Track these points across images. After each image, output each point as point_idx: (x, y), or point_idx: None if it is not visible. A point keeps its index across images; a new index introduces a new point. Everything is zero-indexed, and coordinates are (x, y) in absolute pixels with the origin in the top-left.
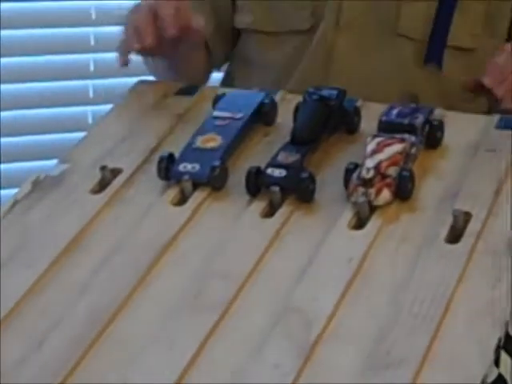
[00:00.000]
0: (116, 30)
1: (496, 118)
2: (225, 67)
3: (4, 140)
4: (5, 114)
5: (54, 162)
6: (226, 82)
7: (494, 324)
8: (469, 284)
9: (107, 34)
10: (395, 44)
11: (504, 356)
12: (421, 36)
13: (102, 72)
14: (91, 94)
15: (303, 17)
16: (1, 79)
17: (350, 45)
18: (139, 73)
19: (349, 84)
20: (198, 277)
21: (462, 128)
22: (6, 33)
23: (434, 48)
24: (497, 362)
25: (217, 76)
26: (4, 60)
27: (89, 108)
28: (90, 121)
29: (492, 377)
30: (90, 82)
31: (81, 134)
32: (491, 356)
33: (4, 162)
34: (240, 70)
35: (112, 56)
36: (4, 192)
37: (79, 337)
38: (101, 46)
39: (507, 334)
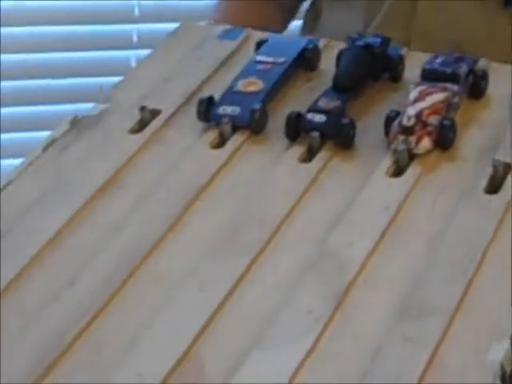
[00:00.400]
0: None
1: None
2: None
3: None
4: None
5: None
6: (312, 16)
7: None
8: (505, 235)
9: None
10: None
11: None
12: None
13: (146, 17)
14: (135, 39)
15: None
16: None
17: None
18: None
19: (434, 22)
20: (233, 220)
21: (507, 79)
22: None
23: None
24: None
25: None
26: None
27: (132, 52)
28: (133, 65)
29: None
30: (134, 27)
31: None
32: None
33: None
34: (325, 8)
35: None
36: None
37: (111, 276)
38: None
39: None
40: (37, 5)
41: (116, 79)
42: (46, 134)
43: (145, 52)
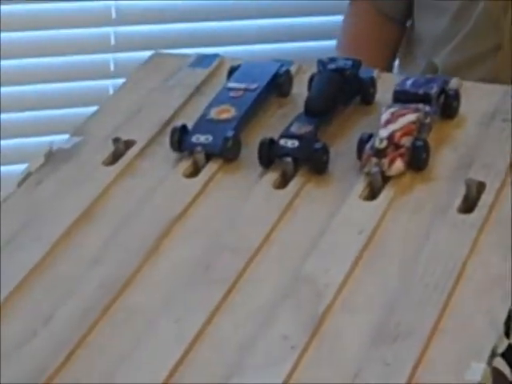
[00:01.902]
0: (136, 3)
1: None
2: None
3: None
4: (26, 87)
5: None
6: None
7: (504, 295)
8: (480, 255)
9: (128, 7)
10: None
11: None
12: None
13: (123, 45)
14: (112, 68)
15: None
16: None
17: None
18: (161, 46)
19: None
20: (209, 249)
21: (479, 98)
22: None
23: None
24: (507, 333)
25: None
26: (25, 34)
27: (110, 82)
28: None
29: (502, 347)
30: (111, 56)
31: None
32: (501, 327)
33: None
34: (421, 15)
35: (132, 29)
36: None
37: (88, 309)
38: (122, 19)
39: None
40: (8, 37)
41: (93, 109)
42: (20, 166)
43: (122, 81)
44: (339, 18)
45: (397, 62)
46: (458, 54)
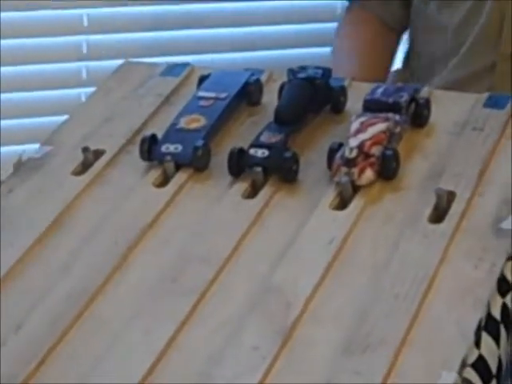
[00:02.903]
0: (108, 11)
1: (484, 96)
2: None
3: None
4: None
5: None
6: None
7: (475, 305)
8: (451, 264)
9: (100, 16)
10: None
11: (485, 337)
12: None
13: (95, 54)
14: (84, 76)
15: None
16: None
17: None
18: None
19: None
20: (178, 259)
21: (450, 106)
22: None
23: None
24: (477, 343)
25: None
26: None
27: (82, 90)
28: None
29: (472, 358)
30: (83, 64)
31: None
32: (471, 337)
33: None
34: (422, 35)
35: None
36: None
37: (57, 319)
38: (94, 27)
39: (489, 315)
40: None
41: (66, 118)
42: None
43: (95, 89)
44: (311, 25)
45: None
46: (456, 72)
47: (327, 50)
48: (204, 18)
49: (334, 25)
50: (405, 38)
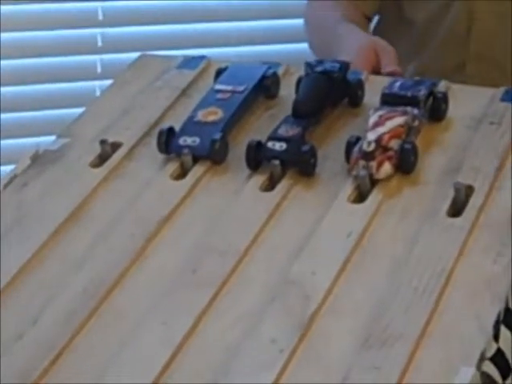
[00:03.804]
0: (123, 4)
1: (501, 90)
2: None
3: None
4: (13, 89)
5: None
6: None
7: (493, 298)
8: (469, 258)
9: (115, 9)
10: None
11: (504, 330)
12: None
13: (109, 47)
14: (99, 69)
15: None
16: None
17: (490, 5)
18: (148, 47)
19: (490, 43)
20: (196, 252)
21: (467, 100)
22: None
23: None
24: (496, 337)
25: None
26: (15, 34)
27: (97, 83)
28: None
29: (491, 351)
30: (97, 57)
31: None
32: (490, 331)
33: (10, 138)
34: (389, 27)
35: (119, 31)
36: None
37: (75, 312)
38: (109, 20)
39: (507, 309)
40: None
41: (81, 110)
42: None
43: (109, 82)
44: None
45: None
46: (422, 69)
47: None
48: (219, 11)
49: None
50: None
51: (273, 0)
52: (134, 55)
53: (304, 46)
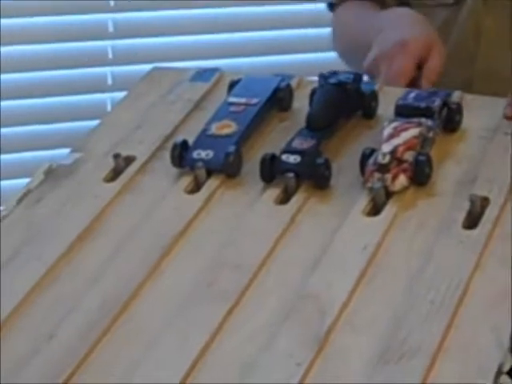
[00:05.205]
0: (133, 16)
1: None
2: None
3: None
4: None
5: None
6: None
7: (510, 311)
8: (485, 270)
9: (126, 21)
10: None
11: None
12: None
13: (120, 59)
14: (110, 81)
15: None
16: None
17: (498, 21)
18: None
19: (498, 60)
20: (211, 266)
21: (481, 111)
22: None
23: None
24: None
25: None
26: (23, 47)
27: (108, 95)
28: (109, 108)
29: (508, 365)
30: (108, 69)
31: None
32: (507, 344)
33: (22, 151)
34: None
35: (130, 43)
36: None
37: (90, 327)
38: (119, 32)
39: None
40: (7, 52)
41: (92, 123)
42: (22, 181)
43: (120, 94)
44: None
45: None
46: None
47: None
48: (229, 22)
49: None
50: None
51: (284, 8)
52: (145, 67)
53: (316, 55)
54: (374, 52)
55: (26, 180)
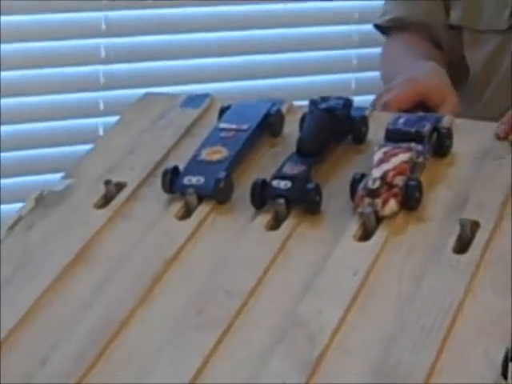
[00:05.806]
0: (126, 41)
1: None
2: None
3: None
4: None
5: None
6: None
7: (502, 335)
8: (476, 295)
9: (118, 46)
10: None
11: None
12: None
13: (112, 84)
14: (102, 106)
15: (503, 17)
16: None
17: None
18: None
19: None
20: (202, 292)
21: (471, 136)
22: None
23: None
24: (505, 374)
25: None
26: (16, 72)
27: (99, 120)
28: (101, 133)
29: None
30: (100, 94)
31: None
32: (499, 368)
33: (14, 176)
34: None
35: (122, 68)
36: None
37: (82, 353)
38: (111, 57)
39: None
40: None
41: (84, 148)
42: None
43: (112, 119)
44: (330, 52)
45: None
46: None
47: (344, 76)
48: (221, 46)
49: (349, 52)
50: None
51: (269, 33)
52: (137, 92)
53: (307, 79)
54: (383, 88)
55: (17, 205)
